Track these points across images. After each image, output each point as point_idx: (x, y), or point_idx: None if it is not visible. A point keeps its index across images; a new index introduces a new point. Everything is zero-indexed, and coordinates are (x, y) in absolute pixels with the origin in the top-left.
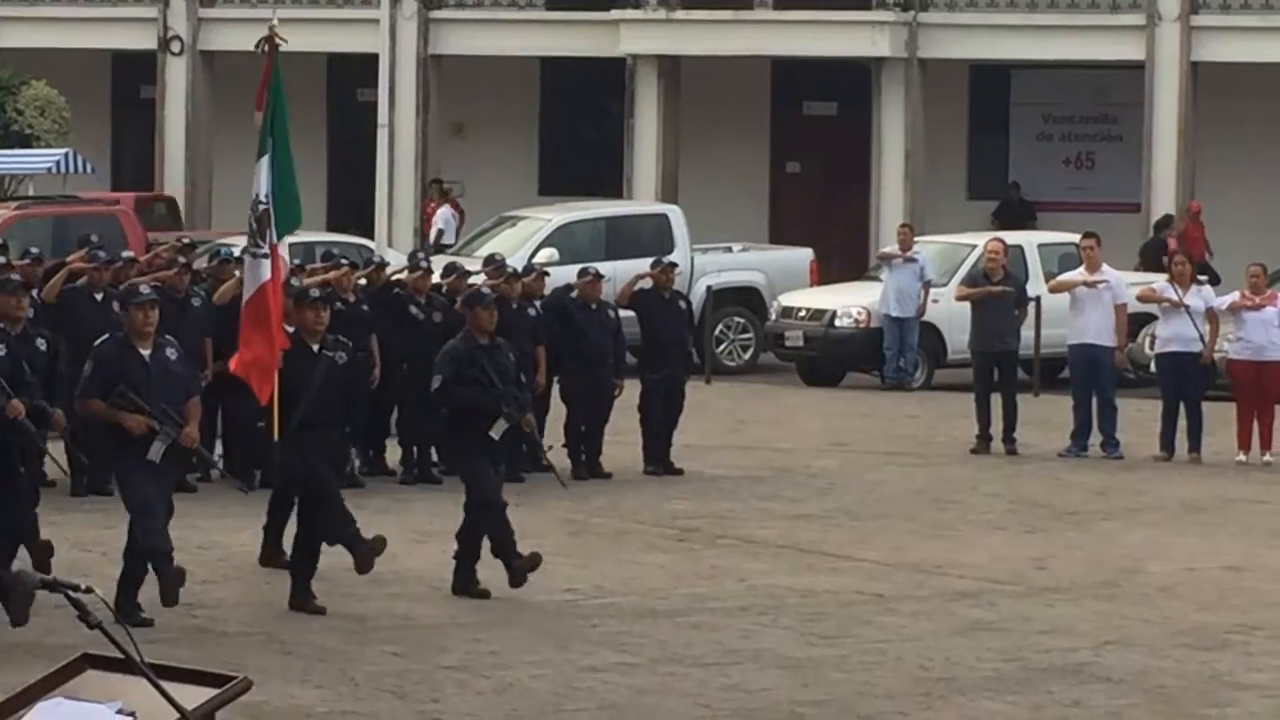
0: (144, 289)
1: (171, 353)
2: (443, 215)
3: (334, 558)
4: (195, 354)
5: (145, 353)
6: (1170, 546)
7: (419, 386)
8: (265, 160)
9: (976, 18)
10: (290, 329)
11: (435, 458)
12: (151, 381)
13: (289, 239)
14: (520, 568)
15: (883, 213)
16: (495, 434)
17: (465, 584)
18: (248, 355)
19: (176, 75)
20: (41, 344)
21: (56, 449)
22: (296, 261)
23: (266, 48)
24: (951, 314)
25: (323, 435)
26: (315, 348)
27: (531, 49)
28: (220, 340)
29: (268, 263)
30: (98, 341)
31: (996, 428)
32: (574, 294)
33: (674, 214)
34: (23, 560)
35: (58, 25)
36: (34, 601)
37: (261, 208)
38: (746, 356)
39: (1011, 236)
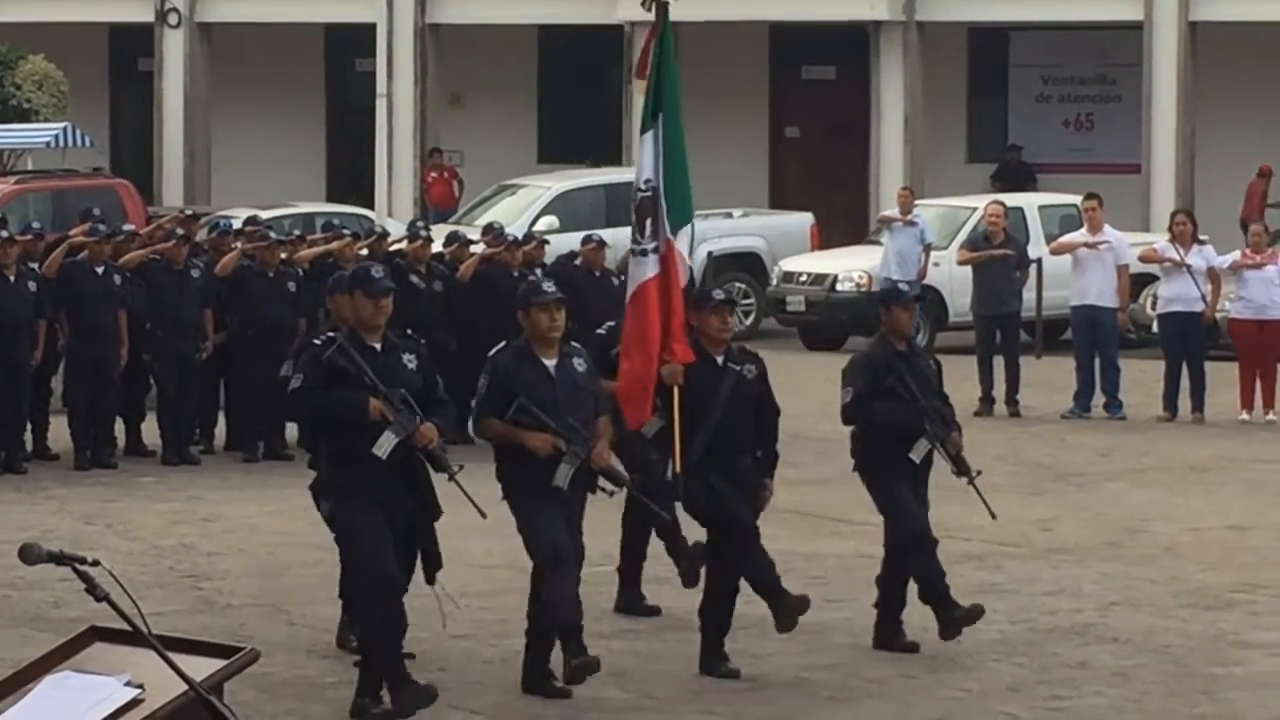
0: (547, 286)
1: (579, 364)
2: None
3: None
4: (195, 325)
5: (549, 363)
6: (1175, 506)
7: None
8: (650, 138)
9: None
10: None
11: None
12: (556, 396)
13: (283, 210)
14: (961, 619)
15: (882, 176)
16: (916, 457)
17: (889, 638)
18: (627, 369)
19: (174, 47)
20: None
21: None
22: (296, 232)
23: (654, 7)
24: (953, 277)
25: (732, 463)
26: (719, 359)
27: (529, 17)
28: (220, 311)
29: (652, 260)
30: (493, 351)
31: (999, 390)
32: (578, 261)
33: None
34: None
35: None
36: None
37: (642, 195)
38: (748, 322)
39: (1012, 199)
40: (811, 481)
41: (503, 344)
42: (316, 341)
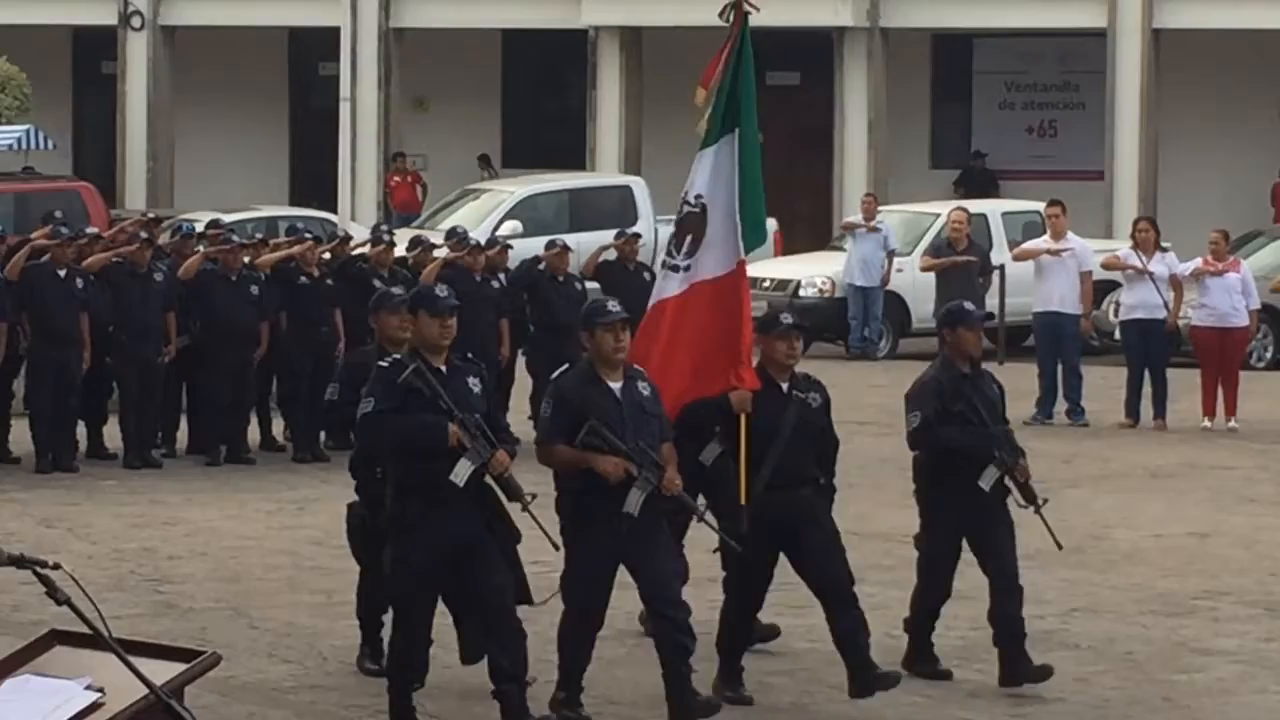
0: (611, 306)
1: (644, 387)
2: None
3: (298, 530)
4: (157, 328)
5: (615, 385)
6: (1136, 513)
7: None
8: (709, 153)
9: None
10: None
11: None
12: (624, 419)
13: (246, 214)
14: (927, 674)
15: (846, 182)
16: (985, 484)
17: (1022, 671)
18: None
19: (137, 51)
20: (475, 385)
21: (20, 425)
22: (259, 236)
23: (732, 15)
24: (916, 283)
25: (794, 496)
26: (785, 386)
27: (493, 21)
28: (182, 315)
29: (679, 278)
30: (555, 374)
31: None
32: (542, 266)
33: (637, 185)
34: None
35: (18, 1)
36: None
37: (689, 209)
38: None
39: (975, 205)
40: None
41: (565, 366)
42: (384, 363)
